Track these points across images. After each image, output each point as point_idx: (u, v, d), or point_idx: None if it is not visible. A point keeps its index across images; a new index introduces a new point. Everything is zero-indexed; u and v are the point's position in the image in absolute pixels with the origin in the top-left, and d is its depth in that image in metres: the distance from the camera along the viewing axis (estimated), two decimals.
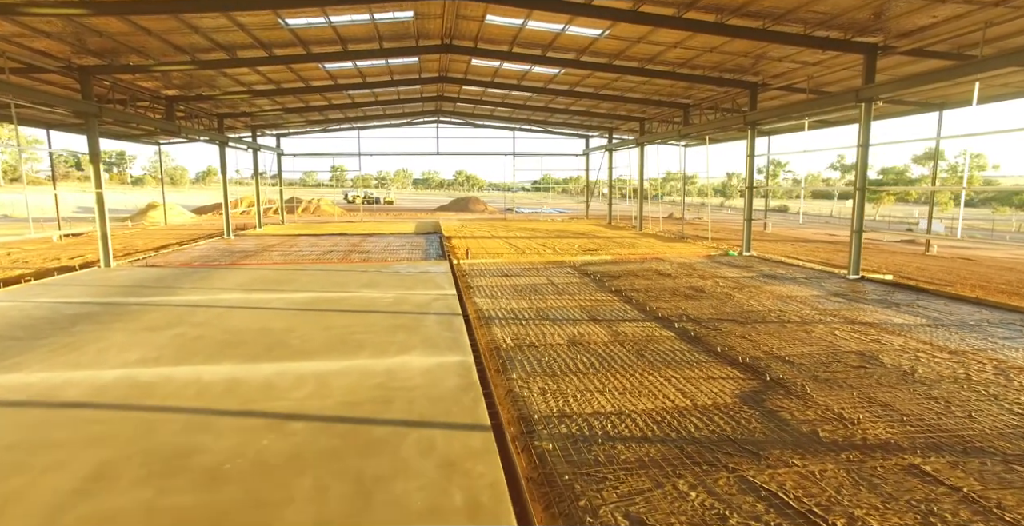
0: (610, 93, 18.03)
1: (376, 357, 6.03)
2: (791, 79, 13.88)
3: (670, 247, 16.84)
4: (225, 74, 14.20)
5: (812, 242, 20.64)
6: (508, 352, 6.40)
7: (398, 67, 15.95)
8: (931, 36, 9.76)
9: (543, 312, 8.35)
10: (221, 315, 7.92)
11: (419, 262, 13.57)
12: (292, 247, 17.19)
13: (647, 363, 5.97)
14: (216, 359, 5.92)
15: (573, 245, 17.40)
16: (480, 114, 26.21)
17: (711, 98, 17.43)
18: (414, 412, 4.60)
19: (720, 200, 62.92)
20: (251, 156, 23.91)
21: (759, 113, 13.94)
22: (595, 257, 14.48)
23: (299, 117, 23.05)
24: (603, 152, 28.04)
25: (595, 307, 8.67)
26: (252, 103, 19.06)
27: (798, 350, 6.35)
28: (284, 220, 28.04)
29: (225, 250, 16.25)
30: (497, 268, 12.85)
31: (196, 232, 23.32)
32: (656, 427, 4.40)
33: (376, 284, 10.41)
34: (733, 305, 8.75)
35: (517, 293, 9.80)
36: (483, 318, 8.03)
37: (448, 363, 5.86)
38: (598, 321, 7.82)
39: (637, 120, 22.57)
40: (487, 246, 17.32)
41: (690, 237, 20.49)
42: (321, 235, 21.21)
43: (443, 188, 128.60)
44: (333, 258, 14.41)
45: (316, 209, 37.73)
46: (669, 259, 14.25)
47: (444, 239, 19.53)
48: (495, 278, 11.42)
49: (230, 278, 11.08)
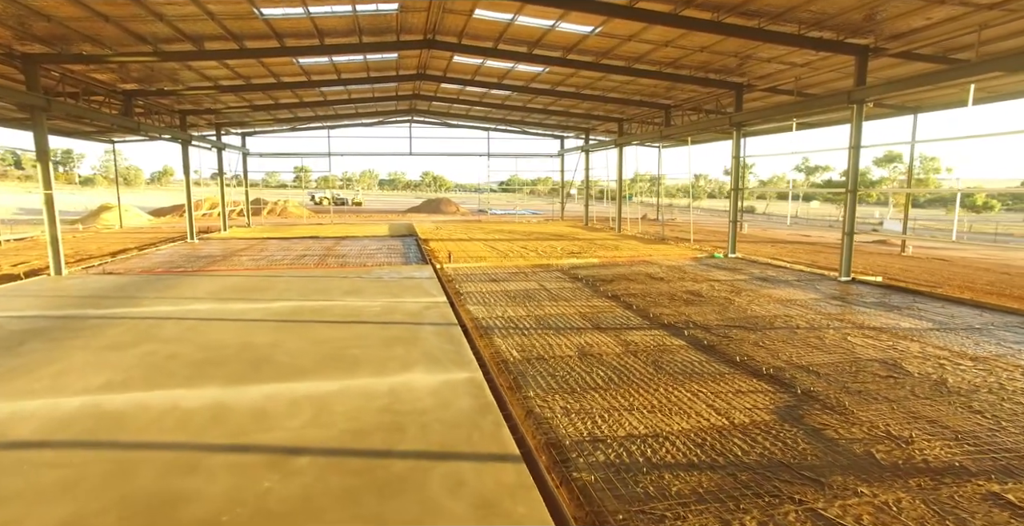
0: (592, 93, 17.79)
1: (376, 375, 5.50)
2: (777, 80, 13.88)
3: (654, 249, 16.68)
4: (190, 67, 13.30)
5: (789, 243, 20.87)
6: (517, 366, 5.96)
7: (376, 64, 15.30)
8: (922, 39, 9.79)
9: (543, 320, 7.94)
10: (194, 328, 7.22)
11: (400, 267, 12.99)
12: (262, 251, 16.31)
13: (667, 376, 5.62)
14: (196, 381, 5.28)
15: (555, 248, 17.06)
16: (456, 113, 25.66)
17: (693, 99, 17.38)
18: (431, 440, 4.12)
19: (687, 201, 63.85)
20: (214, 155, 22.77)
21: (746, 114, 13.89)
22: (582, 260, 14.17)
23: (267, 115, 22.04)
24: (579, 153, 27.85)
25: (596, 314, 8.31)
26: (217, 99, 18.05)
27: (818, 359, 6.12)
28: (250, 222, 26.85)
29: (190, 255, 15.28)
30: (483, 273, 12.39)
31: (156, 235, 22.04)
32: (699, 451, 4.03)
33: (360, 291, 9.81)
34: (736, 310, 8.53)
35: (511, 300, 9.37)
36: (481, 328, 7.57)
37: (456, 380, 5.38)
38: (603, 329, 7.45)
39: (616, 121, 22.43)
40: (467, 249, 16.81)
41: (670, 239, 20.44)
42: (291, 238, 20.30)
43: (410, 189, 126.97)
44: (308, 263, 13.68)
45: (283, 211, 36.39)
46: (657, 262, 14.05)
47: (421, 242, 18.93)
48: (484, 284, 10.95)
49: (200, 286, 10.29)
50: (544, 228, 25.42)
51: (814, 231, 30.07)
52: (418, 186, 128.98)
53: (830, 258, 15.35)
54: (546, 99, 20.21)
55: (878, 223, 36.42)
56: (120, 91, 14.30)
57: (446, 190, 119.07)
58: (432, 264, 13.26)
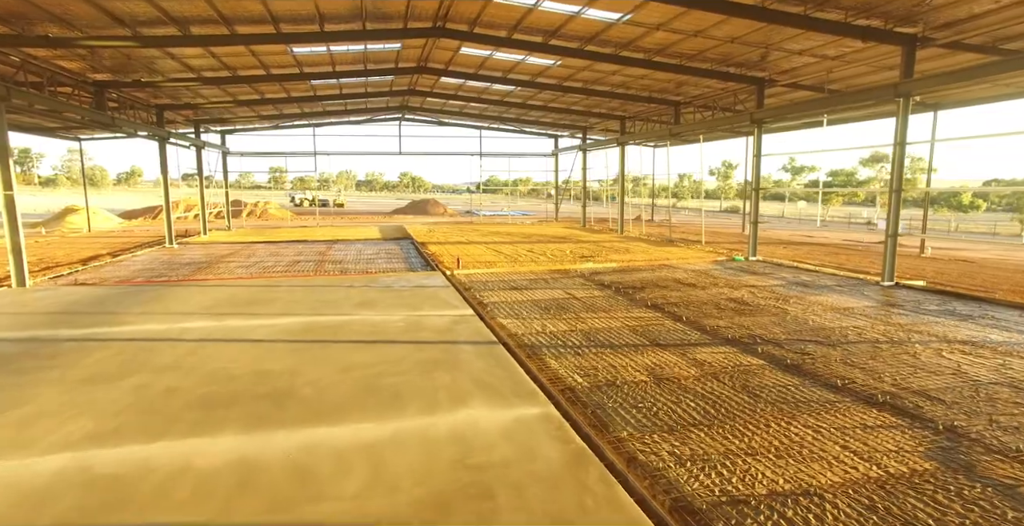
0: (600, 88, 17.00)
1: (428, 413, 4.54)
2: (800, 76, 13.27)
3: (668, 252, 15.95)
4: (172, 56, 12.07)
5: (797, 244, 20.40)
6: (589, 396, 5.06)
7: (376, 54, 14.24)
8: (974, 28, 9.21)
9: (592, 336, 7.06)
10: (194, 353, 6.14)
11: (407, 274, 11.97)
12: (250, 257, 15.09)
13: (770, 406, 4.79)
14: (207, 426, 4.25)
15: (564, 251, 16.21)
16: (449, 111, 24.65)
17: (705, 96, 16.73)
18: (534, 510, 3.19)
19: (673, 201, 63.78)
20: (193, 154, 21.37)
21: (770, 111, 13.24)
22: (599, 265, 13.33)
23: (250, 111, 20.73)
24: (576, 152, 27.10)
25: (645, 328, 7.46)
26: (198, 93, 16.75)
27: (928, 382, 5.35)
28: (231, 225, 25.40)
29: (171, 262, 13.99)
30: (499, 280, 11.46)
31: (129, 240, 20.51)
32: (875, 517, 3.18)
33: (373, 303, 8.79)
34: (795, 321, 7.77)
35: (544, 311, 8.46)
36: (526, 347, 6.65)
37: (528, 417, 4.46)
38: (664, 347, 6.60)
39: (618, 118, 21.71)
40: (471, 253, 15.86)
41: (678, 240, 19.77)
42: (279, 242, 19.05)
43: (388, 190, 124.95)
44: (305, 270, 12.56)
45: (263, 213, 34.81)
46: (678, 266, 13.29)
47: (419, 246, 17.90)
48: (506, 292, 10.03)
49: (191, 299, 9.13)
50: (542, 230, 24.57)
51: (809, 231, 29.86)
52: (396, 187, 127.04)
53: (853, 259, 14.82)
54: (548, 95, 19.37)
55: (866, 222, 36.52)
56: (90, 82, 12.96)
57: (425, 191, 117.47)
58: (441, 270, 12.28)
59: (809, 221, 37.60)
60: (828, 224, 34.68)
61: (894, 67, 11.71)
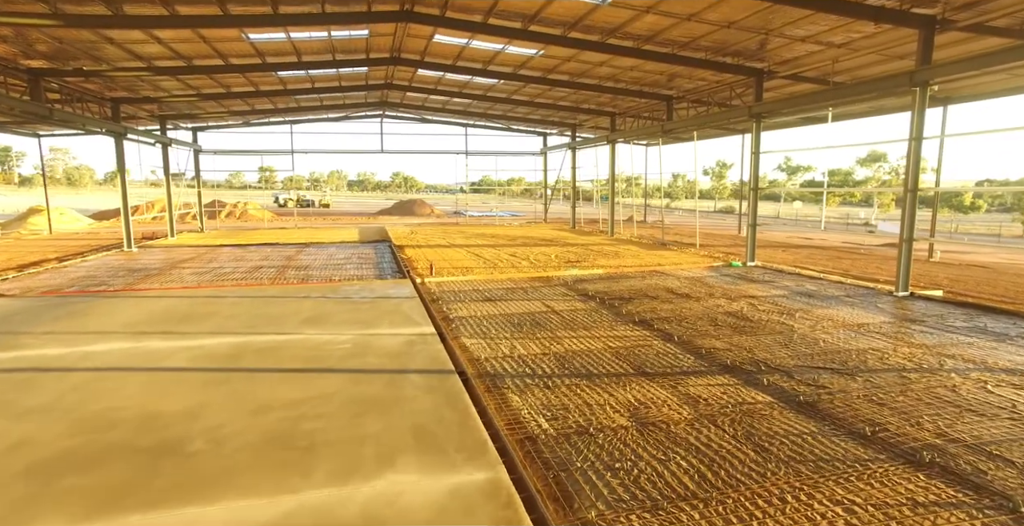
0: (587, 81, 15.95)
1: (340, 480, 3.48)
2: (801, 66, 12.28)
3: (660, 256, 14.93)
4: (111, 41, 10.92)
5: (796, 247, 19.43)
6: (554, 449, 4.01)
7: (343, 43, 13.13)
8: (997, 7, 8.21)
9: (567, 362, 6.01)
10: (80, 388, 5.04)
11: (374, 282, 10.89)
12: (211, 262, 13.97)
13: (783, 466, 3.75)
14: (30, 512, 3.15)
15: (549, 255, 15.17)
16: (432, 107, 23.55)
17: (699, 90, 15.72)
18: None
19: (667, 201, 62.87)
20: (161, 152, 20.19)
21: (769, 104, 12.24)
22: (584, 271, 12.28)
23: (219, 106, 19.57)
24: (565, 150, 26.06)
25: (631, 350, 6.42)
26: (158, 86, 15.59)
27: (981, 429, 4.32)
28: (204, 227, 24.22)
29: (121, 268, 12.85)
30: (473, 288, 10.40)
31: (89, 242, 19.31)
32: None
33: (324, 319, 7.72)
34: (804, 342, 6.74)
35: (516, 329, 7.41)
36: (487, 376, 5.60)
37: (469, 488, 3.40)
38: (650, 376, 5.56)
39: (608, 115, 20.68)
40: (449, 257, 14.79)
41: (671, 243, 18.76)
42: (248, 245, 17.91)
43: (380, 190, 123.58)
44: (264, 277, 11.46)
45: (242, 214, 33.58)
46: (671, 272, 12.27)
47: (396, 249, 16.82)
48: (477, 304, 8.97)
49: (117, 313, 8.02)
50: (529, 231, 23.52)
51: (807, 232, 28.96)
52: (388, 187, 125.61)
53: (858, 265, 13.84)
54: (534, 90, 18.32)
55: (864, 223, 35.69)
56: (24, 69, 11.78)
57: (417, 191, 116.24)
58: (411, 278, 11.20)
59: (806, 222, 36.72)
60: (826, 226, 33.77)
61: (905, 56, 10.74)
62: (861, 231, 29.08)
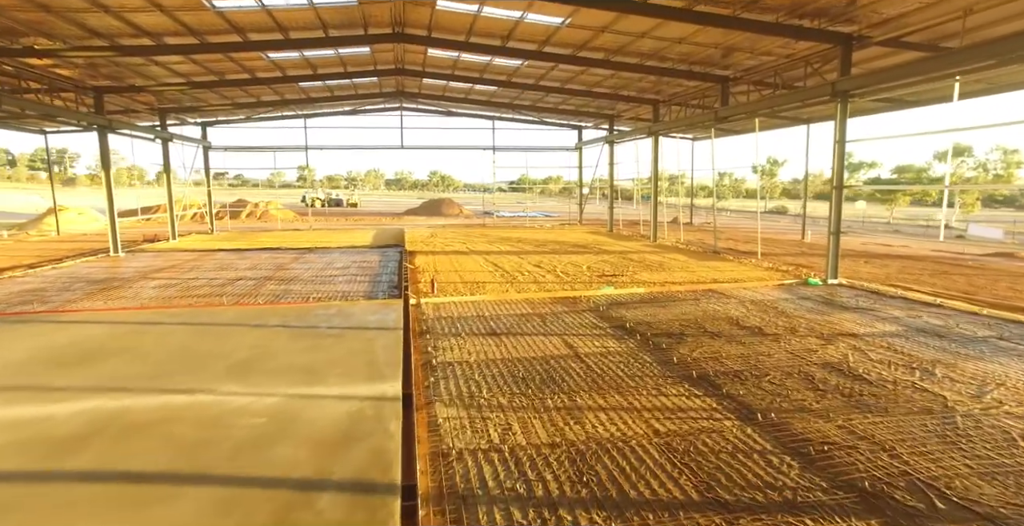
0: (628, 60, 13.47)
1: None
2: (906, 27, 9.51)
3: (715, 269, 12.36)
4: (63, 16, 9.19)
5: (880, 257, 16.41)
6: None
7: (329, 12, 11.05)
8: None
9: (585, 467, 3.71)
10: None
11: (357, 303, 8.82)
12: (191, 271, 12.24)
13: None
14: None
15: (580, 266, 12.81)
16: (452, 97, 21.44)
17: (761, 67, 13.04)
18: None
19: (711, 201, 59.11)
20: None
21: (860, 79, 9.53)
22: (622, 290, 9.88)
23: (217, 96, 17.98)
24: (601, 145, 23.53)
25: (689, 443, 4.07)
26: (139, 72, 13.99)
27: None
28: (214, 228, 22.86)
29: (84, 278, 11.23)
30: (479, 314, 8.19)
31: (85, 245, 18.05)
32: None
33: (260, 363, 5.64)
34: (980, 435, 4.22)
35: (518, 387, 5.15)
36: (452, 499, 3.35)
37: None
38: (731, 511, 3.20)
39: (650, 102, 18.09)
40: (463, 268, 12.64)
41: (725, 251, 16.08)
42: (246, 250, 16.23)
43: (417, 189, 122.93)
44: (235, 293, 9.57)
45: (263, 214, 32.40)
46: (731, 293, 9.73)
47: (406, 256, 14.78)
48: (477, 340, 6.75)
49: (2, 348, 6.16)
50: (561, 235, 21.15)
51: (880, 237, 25.53)
52: (425, 186, 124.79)
53: (977, 283, 10.91)
54: (564, 73, 15.94)
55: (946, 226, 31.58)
56: None
57: (454, 190, 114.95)
58: (406, 297, 9.07)
59: (875, 225, 32.87)
60: (898, 228, 30.05)
61: None
62: (940, 234, 25.39)
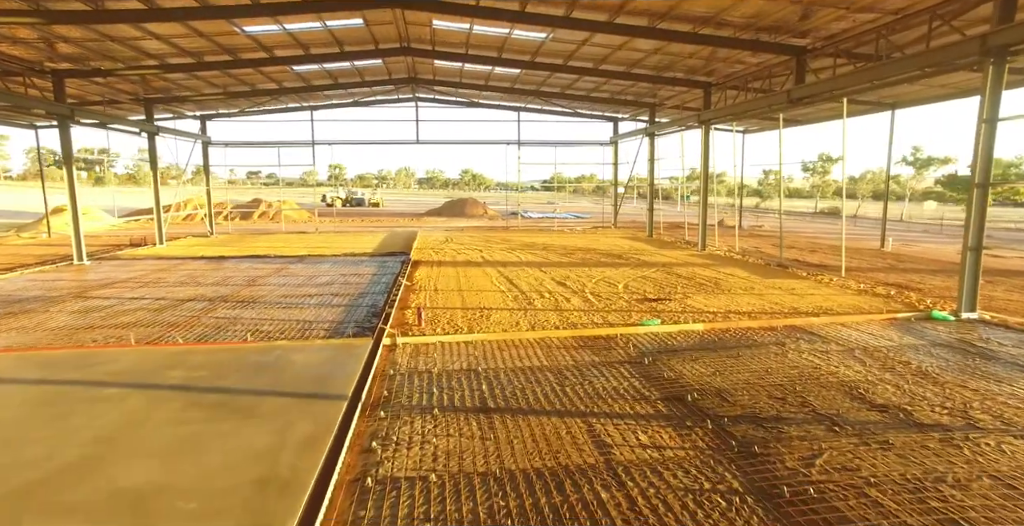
0: (676, 28, 10.77)
1: None
2: None
3: (788, 291, 9.59)
4: None
5: (997, 274, 13.19)
6: None
7: None
8: None
9: None
10: None
11: (311, 344, 6.50)
12: (142, 287, 10.22)
13: None
14: None
15: (615, 284, 10.23)
16: (470, 84, 19.01)
17: (853, 31, 10.16)
18: None
19: (756, 201, 55.15)
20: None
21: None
22: (671, 327, 7.24)
23: (207, 85, 16.01)
24: (640, 138, 20.76)
25: None
26: (106, 55, 12.04)
27: None
28: (213, 230, 21.08)
29: (2, 297, 9.30)
30: (470, 366, 5.74)
31: (62, 250, 16.37)
32: None
33: (78, 482, 3.31)
34: None
35: None
36: None
37: None
38: None
39: (700, 86, 15.29)
40: (470, 284, 10.24)
41: (792, 263, 13.20)
42: (229, 258, 14.23)
43: (448, 188, 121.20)
44: (168, 321, 7.39)
45: (276, 214, 30.73)
46: (824, 333, 6.99)
47: (408, 266, 12.49)
48: (455, 421, 4.31)
49: None
50: (593, 241, 18.49)
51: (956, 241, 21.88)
52: (456, 185, 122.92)
53: None
54: (596, 49, 13.32)
55: None
56: None
57: (486, 189, 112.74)
58: (380, 332, 6.69)
59: (954, 229, 28.85)
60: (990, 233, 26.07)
61: None
62: None
